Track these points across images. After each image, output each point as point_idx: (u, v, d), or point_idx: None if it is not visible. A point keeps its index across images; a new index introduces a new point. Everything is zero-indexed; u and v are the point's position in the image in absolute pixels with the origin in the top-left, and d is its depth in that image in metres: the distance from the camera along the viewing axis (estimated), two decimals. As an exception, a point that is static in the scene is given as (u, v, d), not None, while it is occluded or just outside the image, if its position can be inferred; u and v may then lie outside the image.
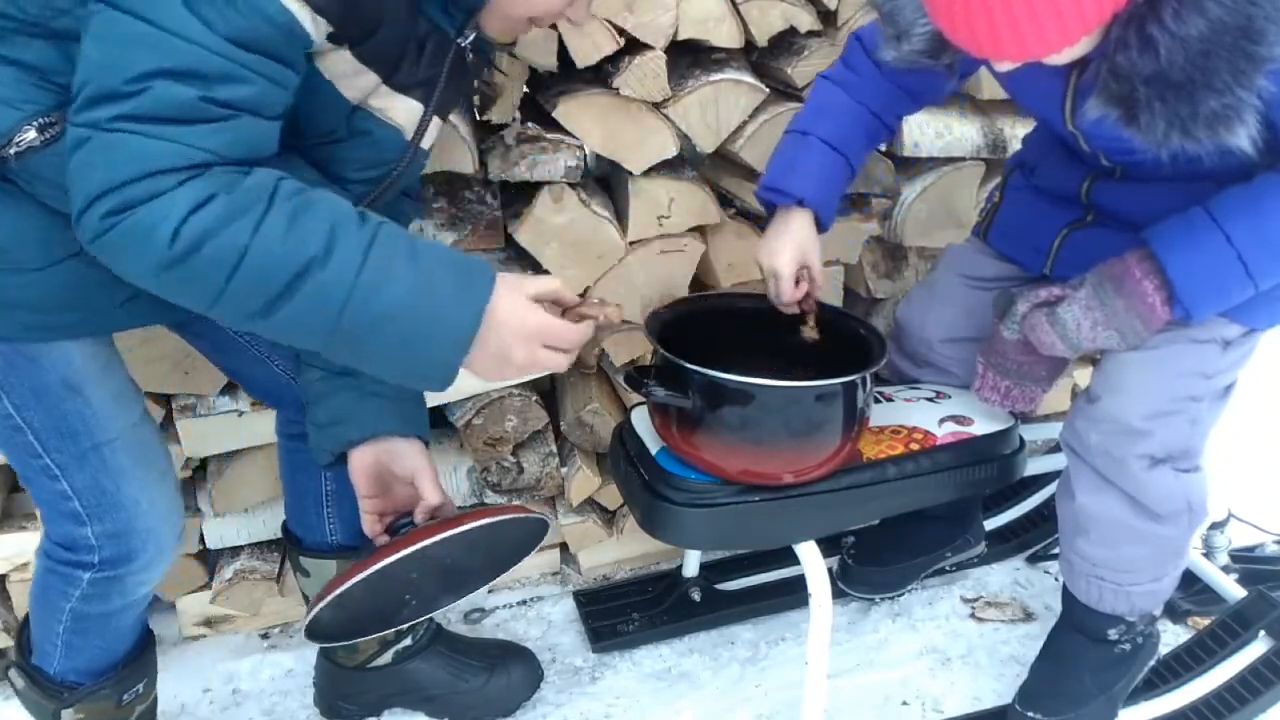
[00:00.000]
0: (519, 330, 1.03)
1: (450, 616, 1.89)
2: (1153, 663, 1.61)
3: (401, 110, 1.14)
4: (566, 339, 1.07)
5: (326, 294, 0.95)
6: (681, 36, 1.59)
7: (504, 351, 1.03)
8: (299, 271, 0.94)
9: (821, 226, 1.48)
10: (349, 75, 1.07)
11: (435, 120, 1.20)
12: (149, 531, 1.27)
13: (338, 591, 1.15)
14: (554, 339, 1.06)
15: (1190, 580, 1.85)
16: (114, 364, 1.26)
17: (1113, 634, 1.52)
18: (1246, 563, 1.91)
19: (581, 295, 1.16)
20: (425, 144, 1.20)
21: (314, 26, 0.97)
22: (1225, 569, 1.86)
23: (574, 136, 1.60)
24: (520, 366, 1.05)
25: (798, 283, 1.47)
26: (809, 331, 1.50)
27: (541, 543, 1.34)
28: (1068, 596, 1.55)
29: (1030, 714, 1.55)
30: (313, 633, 1.22)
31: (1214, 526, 1.87)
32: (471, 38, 1.17)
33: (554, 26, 1.52)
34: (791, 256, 1.45)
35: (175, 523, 1.32)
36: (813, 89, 1.53)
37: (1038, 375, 1.51)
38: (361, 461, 1.26)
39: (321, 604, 1.17)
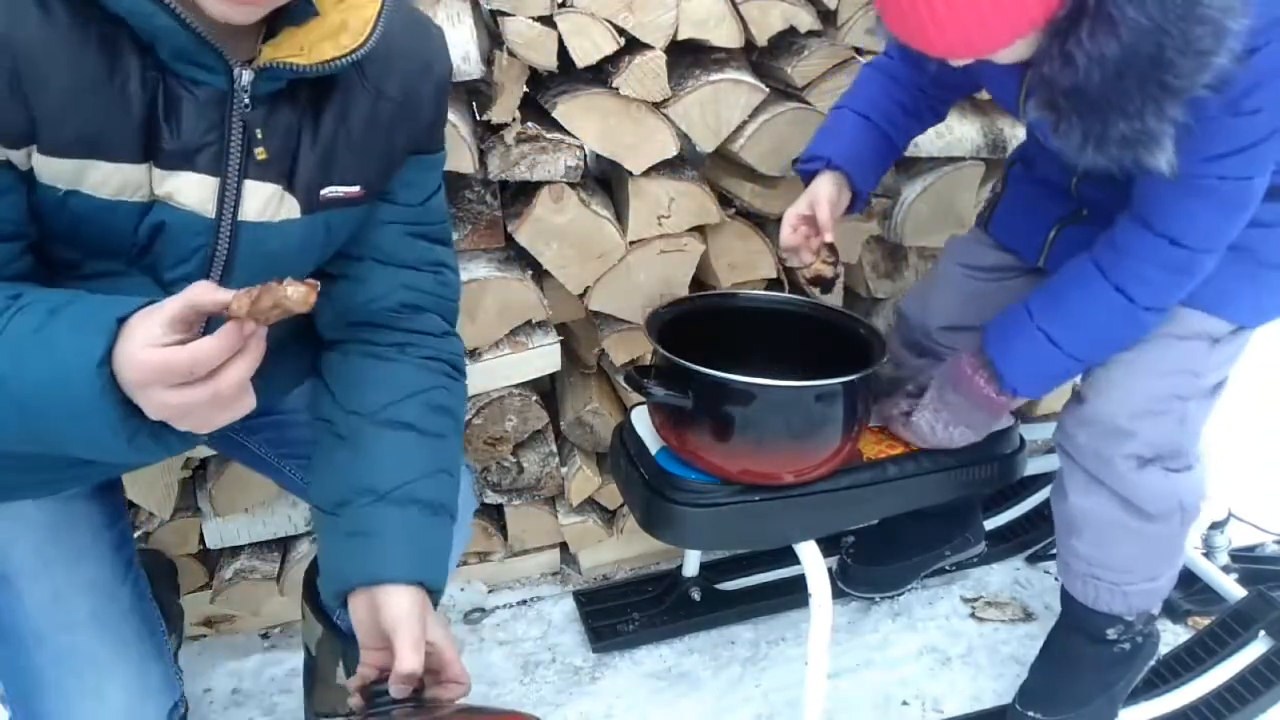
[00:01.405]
0: (137, 382, 0.79)
1: (449, 616, 1.89)
2: (1153, 662, 1.61)
3: (188, 189, 0.95)
4: (185, 368, 0.79)
5: None
6: (681, 36, 1.59)
7: (150, 410, 0.81)
8: None
9: (855, 191, 1.48)
10: (83, 175, 0.90)
11: (266, 187, 0.98)
12: None
13: None
14: (172, 375, 0.79)
15: (1190, 580, 1.85)
16: (59, 560, 1.11)
17: (1111, 634, 1.52)
18: (1246, 563, 1.91)
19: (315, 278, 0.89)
20: (251, 216, 0.98)
21: None
22: (1225, 569, 1.86)
23: (574, 136, 1.60)
24: (173, 417, 0.82)
25: (832, 250, 1.47)
26: (820, 266, 1.47)
27: None
28: (1066, 596, 1.55)
29: (1030, 713, 1.55)
30: None
31: (1214, 526, 1.88)
32: (249, 78, 0.93)
33: (554, 26, 1.52)
34: (796, 207, 1.45)
35: None
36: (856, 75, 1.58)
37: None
38: (354, 606, 1.06)
39: None
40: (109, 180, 0.92)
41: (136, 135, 0.91)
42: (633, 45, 1.57)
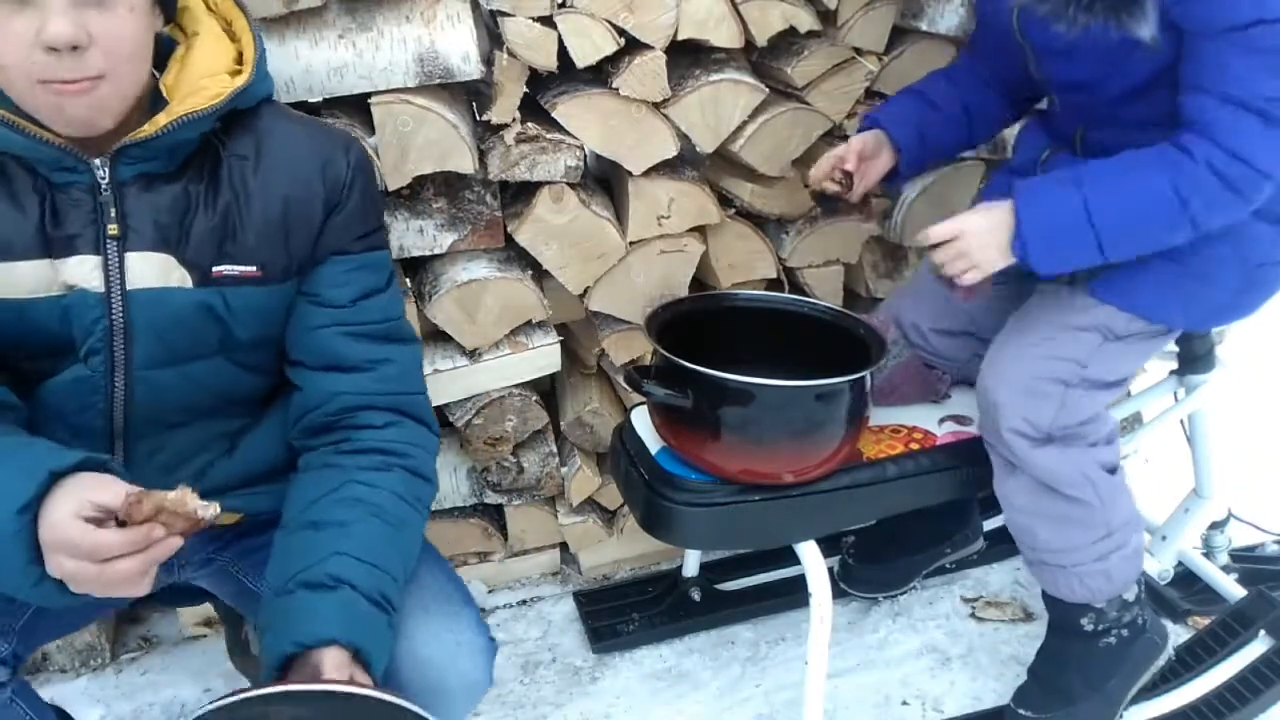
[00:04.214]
0: (45, 541, 0.90)
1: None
2: (1161, 662, 1.58)
3: (76, 269, 1.07)
4: (85, 550, 0.89)
5: None
6: (681, 36, 1.59)
7: (49, 567, 0.91)
8: None
9: (898, 149, 1.53)
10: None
11: (152, 257, 1.08)
12: None
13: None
14: (74, 550, 0.89)
15: (1190, 580, 1.86)
16: None
17: (1086, 624, 1.50)
18: (1246, 563, 1.91)
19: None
20: (138, 284, 1.08)
21: None
22: (1225, 569, 1.86)
23: (574, 137, 1.60)
24: (66, 580, 0.91)
25: (848, 178, 1.53)
26: (827, 184, 1.54)
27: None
28: (1043, 594, 1.55)
29: (1022, 711, 1.55)
30: None
31: (1214, 526, 1.87)
32: (105, 168, 1.05)
33: (554, 26, 1.52)
34: (840, 148, 1.54)
35: None
36: None
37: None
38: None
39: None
40: (21, 280, 1.05)
41: (35, 237, 1.05)
42: (633, 45, 1.57)
